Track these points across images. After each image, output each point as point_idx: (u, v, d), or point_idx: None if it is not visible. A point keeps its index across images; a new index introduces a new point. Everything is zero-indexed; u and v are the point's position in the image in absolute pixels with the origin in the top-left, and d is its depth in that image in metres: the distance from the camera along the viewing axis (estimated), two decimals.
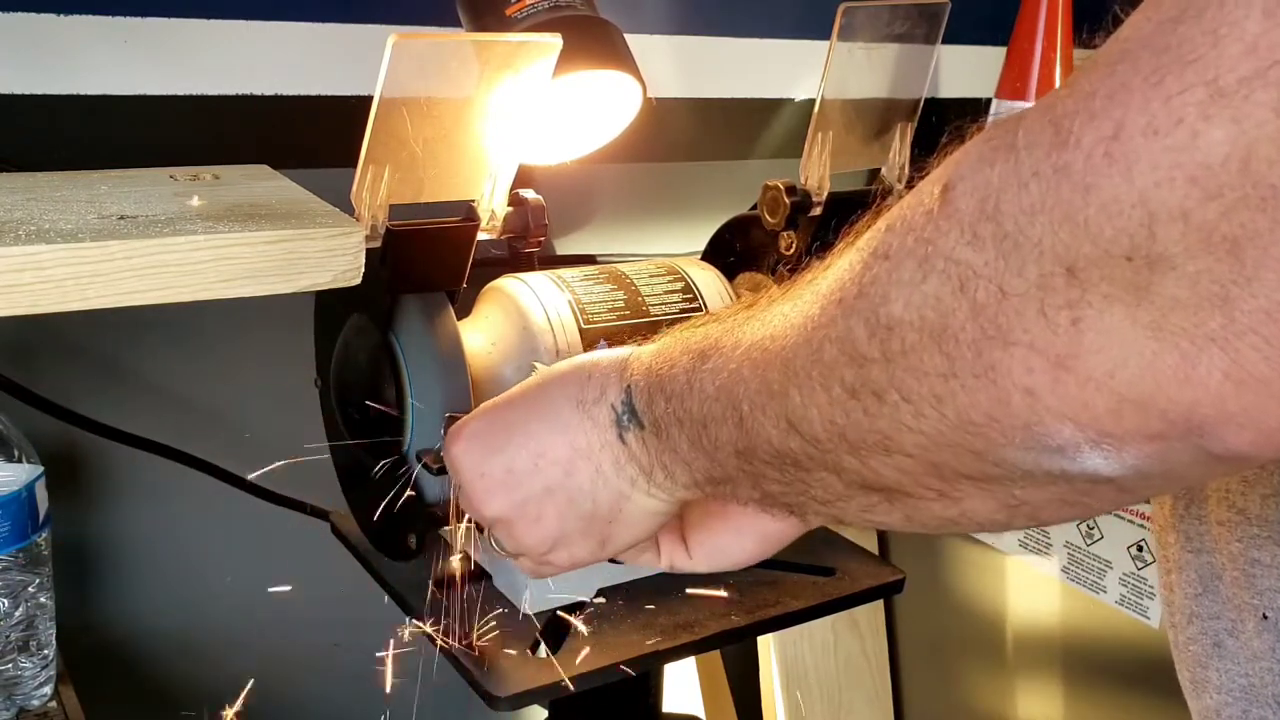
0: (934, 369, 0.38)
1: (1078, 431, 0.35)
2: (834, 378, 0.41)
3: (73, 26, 0.93)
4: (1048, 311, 0.34)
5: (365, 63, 0.68)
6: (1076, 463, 0.36)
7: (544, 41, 0.69)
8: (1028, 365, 0.35)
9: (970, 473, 0.40)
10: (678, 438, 0.51)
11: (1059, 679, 1.22)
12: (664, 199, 1.27)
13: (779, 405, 0.44)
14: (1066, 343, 0.34)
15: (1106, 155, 0.32)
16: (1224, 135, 0.30)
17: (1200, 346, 0.32)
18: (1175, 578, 0.55)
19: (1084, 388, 0.34)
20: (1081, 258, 0.33)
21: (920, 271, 0.37)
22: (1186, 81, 0.31)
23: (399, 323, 0.74)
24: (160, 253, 0.64)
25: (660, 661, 0.75)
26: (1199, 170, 0.31)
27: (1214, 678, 0.52)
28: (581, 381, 0.56)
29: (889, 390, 0.39)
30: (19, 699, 0.83)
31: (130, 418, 0.98)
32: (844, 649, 1.38)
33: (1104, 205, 0.32)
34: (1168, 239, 0.31)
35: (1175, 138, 0.31)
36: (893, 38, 0.87)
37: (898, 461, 0.41)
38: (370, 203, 0.69)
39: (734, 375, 0.47)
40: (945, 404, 0.38)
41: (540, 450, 0.56)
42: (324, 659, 1.17)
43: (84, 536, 1.04)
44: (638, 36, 0.99)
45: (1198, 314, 0.32)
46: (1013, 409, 0.36)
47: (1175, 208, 0.31)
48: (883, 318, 0.39)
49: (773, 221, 0.89)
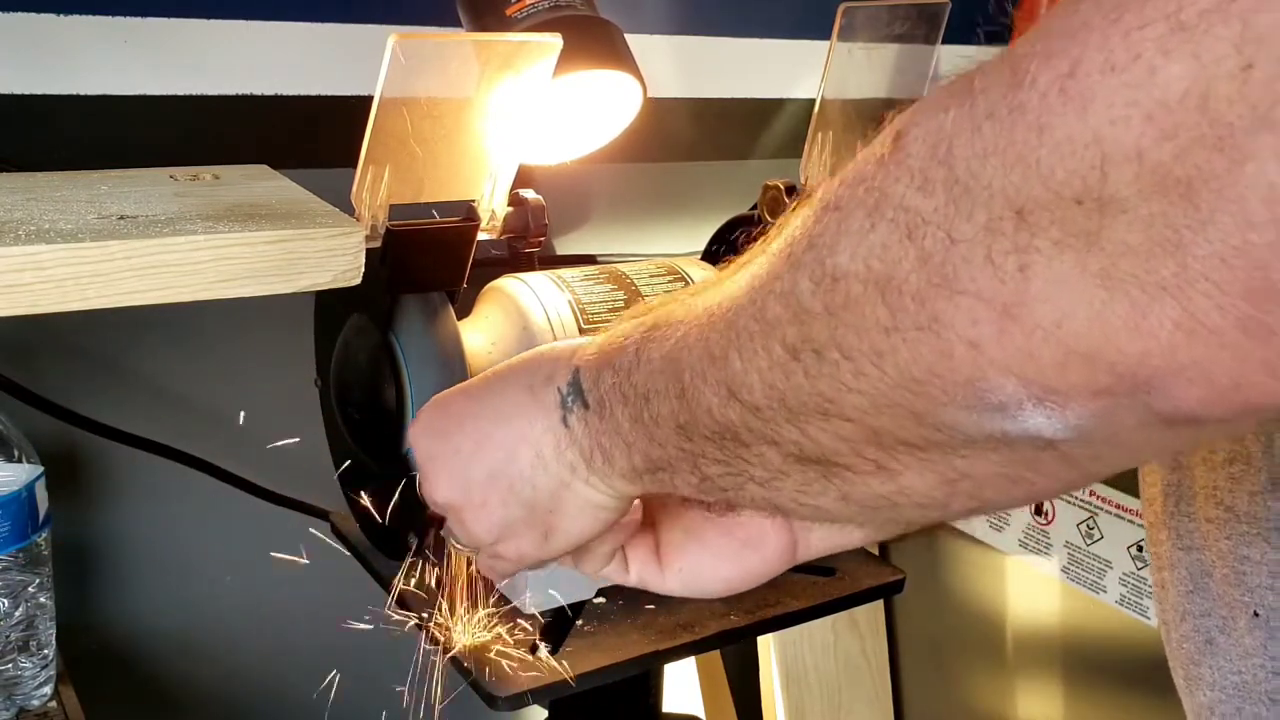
0: (876, 322, 0.37)
1: (1021, 387, 0.34)
2: (775, 337, 0.40)
3: (73, 26, 0.93)
4: (995, 258, 0.33)
5: (365, 63, 0.68)
6: (1018, 422, 0.35)
7: (544, 41, 0.69)
8: (973, 315, 0.34)
9: (910, 438, 0.39)
10: (620, 416, 0.50)
11: (1059, 679, 1.22)
12: (664, 199, 1.27)
13: (720, 371, 0.44)
14: (1013, 290, 0.33)
15: (1061, 93, 0.31)
16: (1182, 70, 0.29)
17: (1151, 295, 0.31)
18: (1167, 575, 0.55)
19: (1030, 338, 0.33)
20: (1031, 200, 0.32)
21: (869, 220, 0.36)
22: (1146, 16, 0.30)
23: (399, 323, 0.74)
24: (160, 253, 0.64)
25: (660, 661, 0.75)
26: (1155, 107, 0.30)
27: (1207, 675, 0.52)
28: (534, 367, 0.55)
29: (830, 347, 0.38)
30: (19, 699, 0.83)
31: (130, 418, 0.98)
32: (844, 649, 1.38)
33: (1057, 145, 0.31)
34: (1120, 180, 0.30)
35: (1132, 73, 0.30)
36: (893, 38, 0.87)
37: (836, 426, 0.40)
38: (370, 203, 0.69)
39: (680, 343, 0.46)
40: (886, 359, 0.37)
41: (486, 434, 0.56)
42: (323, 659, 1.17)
43: (84, 536, 1.04)
44: (638, 36, 0.99)
45: (1150, 260, 0.31)
46: (955, 362, 0.35)
47: (1130, 147, 0.30)
48: (829, 268, 0.38)
49: (773, 221, 0.89)
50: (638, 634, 0.74)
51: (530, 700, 0.70)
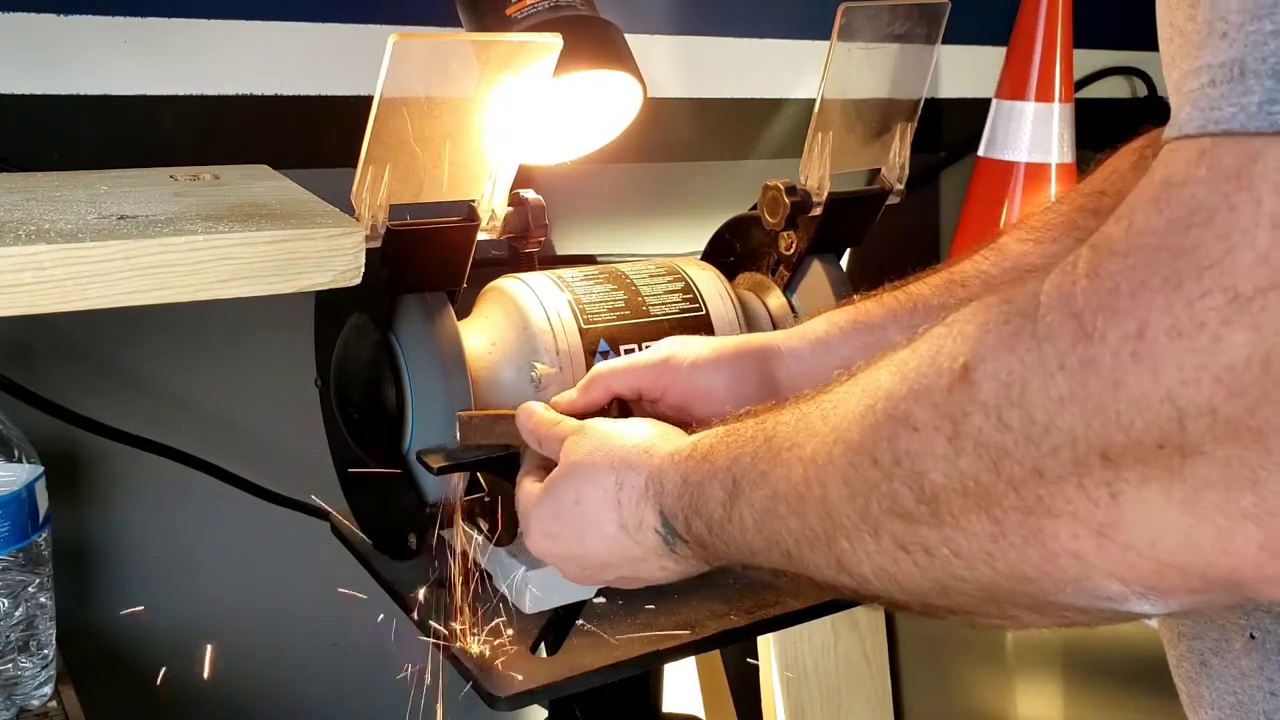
0: (983, 531, 0.39)
1: (1124, 587, 0.37)
2: (884, 532, 0.43)
3: (73, 26, 0.93)
4: (1086, 488, 0.36)
5: (365, 63, 0.68)
6: (1125, 606, 0.38)
7: (544, 41, 0.69)
8: (1072, 532, 0.37)
9: (1026, 605, 0.41)
10: (725, 551, 0.54)
11: (1059, 679, 1.22)
12: (664, 199, 1.27)
13: (827, 550, 0.46)
14: (1107, 514, 0.36)
15: (1134, 355, 0.34)
16: (1244, 340, 0.32)
17: (1234, 522, 0.34)
18: None
19: (1127, 554, 0.36)
20: (1114, 445, 0.35)
21: (951, 449, 0.39)
22: (1205, 286, 0.33)
23: (399, 323, 0.74)
24: (160, 253, 0.64)
25: (660, 661, 0.75)
26: (1223, 371, 0.32)
27: (1205, 694, 0.52)
28: (615, 506, 0.59)
29: (939, 547, 0.41)
30: (19, 699, 0.83)
31: (130, 418, 0.98)
32: (844, 649, 1.38)
33: (1133, 401, 0.34)
34: (1196, 430, 0.33)
35: (1199, 341, 0.33)
36: (893, 38, 0.87)
37: (954, 599, 0.43)
38: (370, 203, 0.69)
39: (772, 514, 0.49)
40: (997, 560, 0.39)
41: (605, 563, 0.61)
42: (323, 659, 1.17)
43: (84, 536, 1.04)
44: (638, 36, 0.99)
45: (1230, 493, 0.33)
46: (1061, 568, 0.38)
47: (1203, 404, 0.33)
48: (926, 488, 0.40)
49: (773, 221, 0.89)
50: (638, 634, 0.74)
51: (530, 700, 0.70)
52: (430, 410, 0.73)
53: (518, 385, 0.78)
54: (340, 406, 0.79)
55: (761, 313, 0.89)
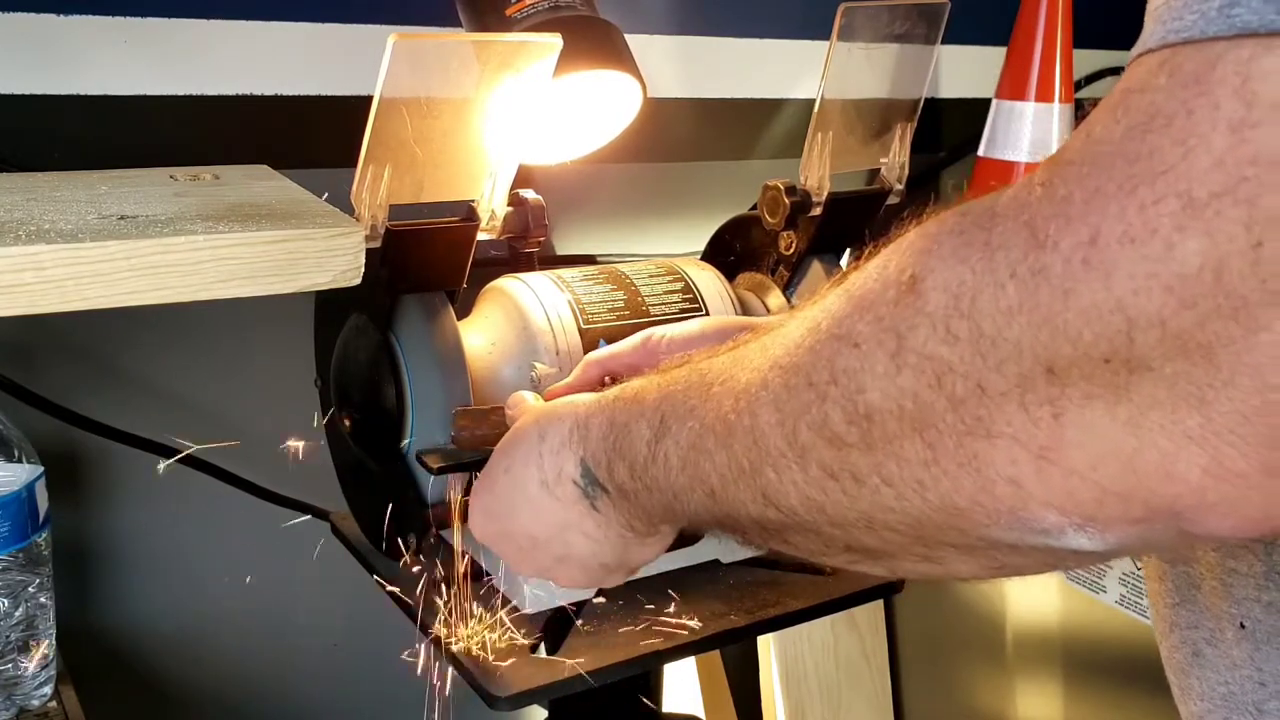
0: (916, 456, 0.38)
1: (1062, 517, 0.36)
2: (811, 459, 0.42)
3: (73, 26, 0.93)
4: (1029, 407, 0.35)
5: (365, 63, 0.68)
6: (1061, 541, 0.37)
7: (544, 41, 0.69)
8: (1011, 456, 0.36)
9: (954, 543, 0.40)
10: (648, 501, 0.53)
11: (1059, 679, 1.22)
12: (664, 199, 1.27)
13: (752, 481, 0.45)
14: (1048, 436, 0.35)
15: (1084, 262, 0.33)
16: (1197, 247, 0.31)
17: (1179, 444, 0.33)
18: (1156, 587, 0.55)
19: (1067, 479, 0.35)
20: (1061, 358, 0.34)
21: (894, 364, 0.38)
22: (1159, 191, 0.32)
23: (399, 323, 0.74)
24: (160, 253, 0.64)
25: (660, 661, 0.75)
26: (1174, 280, 0.31)
27: (1196, 685, 0.52)
28: (536, 461, 0.58)
29: (870, 474, 0.40)
30: (19, 699, 0.83)
31: (130, 418, 0.98)
32: (844, 649, 1.38)
33: (1083, 310, 0.33)
34: (1145, 344, 0.32)
35: (1151, 247, 0.32)
36: (893, 38, 0.87)
37: (881, 534, 0.42)
38: (370, 203, 0.69)
39: (698, 449, 0.48)
40: (928, 489, 0.38)
41: (531, 534, 0.59)
42: (323, 659, 1.17)
43: (84, 536, 1.04)
44: (638, 36, 0.99)
45: (1175, 413, 0.33)
46: (997, 496, 0.37)
47: (1153, 315, 0.32)
48: (860, 406, 0.39)
49: (773, 221, 0.89)
50: (638, 634, 0.74)
51: (530, 700, 0.70)
52: (430, 410, 0.73)
53: (517, 385, 0.78)
54: (340, 406, 0.79)
55: (761, 313, 0.89)
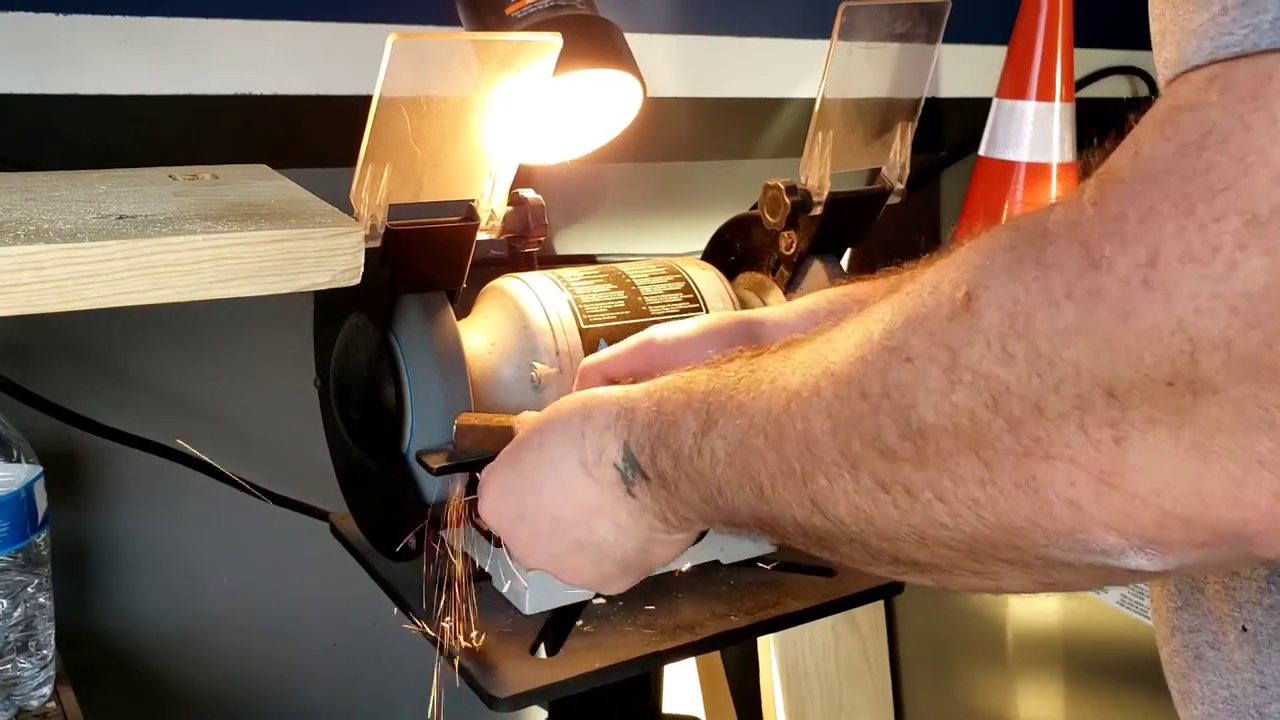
0: (971, 475, 0.37)
1: (1123, 540, 0.35)
2: (863, 470, 0.41)
3: (73, 26, 0.93)
4: (1088, 429, 0.34)
5: (365, 63, 0.68)
6: (1120, 562, 0.36)
7: (544, 41, 0.69)
8: (1070, 479, 0.35)
9: (1009, 560, 0.39)
10: (688, 492, 0.52)
11: (1059, 679, 1.22)
12: (664, 199, 1.27)
13: (802, 486, 0.44)
14: (1109, 460, 0.34)
15: (1145, 283, 0.32)
16: (1261, 265, 0.30)
17: (1247, 469, 0.32)
18: (1158, 591, 0.55)
19: (1129, 503, 0.34)
20: (1122, 381, 0.33)
21: (947, 380, 0.37)
22: (1218, 210, 0.31)
23: (399, 323, 0.74)
24: (160, 253, 0.63)
25: (660, 661, 0.75)
26: (1239, 300, 0.31)
27: (1197, 689, 0.52)
28: (577, 440, 0.57)
29: (923, 490, 0.39)
30: (18, 699, 0.83)
31: (130, 418, 0.98)
32: (844, 650, 1.38)
33: (1143, 332, 0.32)
34: (1210, 366, 0.31)
35: (1214, 267, 0.31)
36: (893, 37, 0.87)
37: (933, 550, 0.41)
38: (370, 203, 0.69)
39: (746, 446, 0.47)
40: (984, 508, 0.37)
41: (557, 515, 0.58)
42: (323, 659, 1.17)
43: (84, 536, 1.04)
44: (638, 36, 0.99)
45: (1244, 437, 0.32)
46: (1055, 518, 0.36)
47: (1217, 336, 0.31)
48: (914, 422, 0.38)
49: (773, 221, 0.89)
50: (638, 634, 0.74)
51: (530, 700, 0.70)
52: (430, 410, 0.73)
53: (517, 385, 0.78)
54: (340, 406, 0.79)
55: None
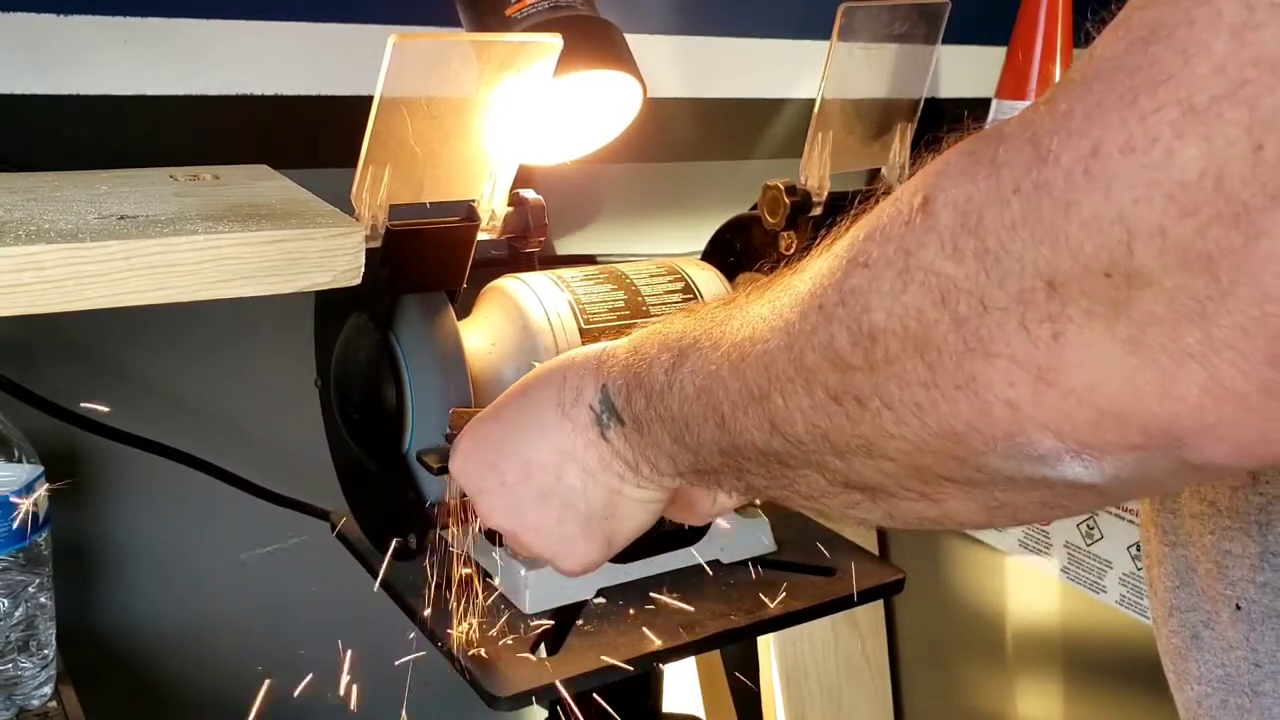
0: (916, 378, 0.38)
1: (1058, 442, 0.36)
2: (816, 382, 0.42)
3: (73, 26, 0.93)
4: (1029, 325, 0.35)
5: (365, 63, 0.68)
6: (1057, 470, 0.37)
7: (544, 41, 0.69)
8: (1009, 378, 0.36)
9: (952, 476, 0.40)
10: (659, 434, 0.53)
11: (1059, 679, 1.22)
12: (664, 199, 1.27)
13: (761, 408, 0.45)
14: (1047, 356, 0.35)
15: (1086, 173, 0.33)
16: (1197, 153, 0.31)
17: (1178, 362, 0.33)
18: (1155, 572, 0.55)
19: (1065, 400, 0.35)
20: (1062, 273, 0.34)
21: (900, 282, 0.38)
22: (1160, 100, 0.32)
23: (399, 323, 0.74)
24: (160, 253, 0.64)
25: (660, 661, 0.75)
26: (1175, 187, 0.31)
27: (1193, 669, 0.53)
28: (559, 384, 0.57)
29: (871, 397, 0.40)
30: (19, 699, 0.83)
31: (130, 418, 0.98)
32: (844, 649, 1.38)
33: (1084, 222, 0.33)
34: (1145, 255, 0.32)
35: (1151, 155, 0.32)
36: (893, 38, 0.87)
37: (880, 464, 0.42)
38: (370, 203, 0.69)
39: (713, 376, 0.48)
40: (927, 413, 0.38)
41: (528, 458, 0.58)
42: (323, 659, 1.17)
43: (84, 536, 1.04)
44: (638, 36, 0.99)
45: (1175, 330, 0.32)
46: (994, 419, 0.37)
47: (1153, 224, 0.32)
48: (865, 326, 0.40)
49: (773, 221, 0.89)
50: (638, 634, 0.74)
51: (530, 700, 0.70)
52: (430, 410, 0.73)
53: None
54: (340, 406, 0.79)
55: None
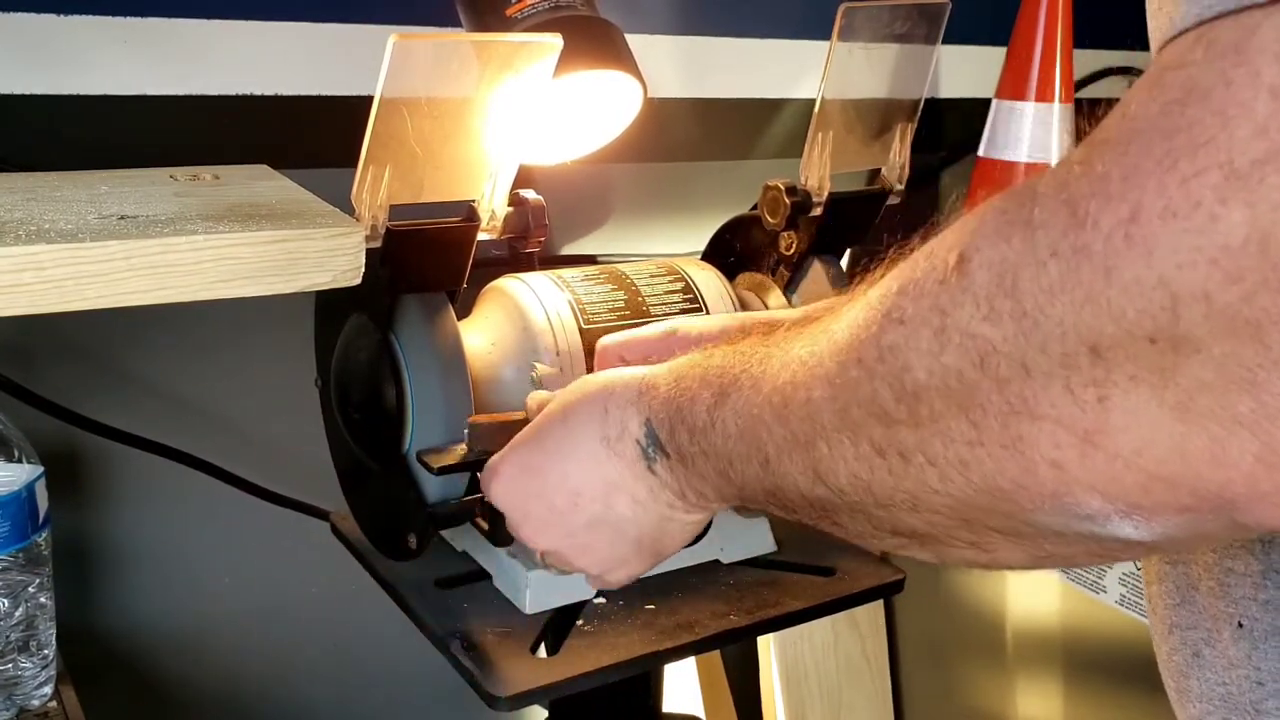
0: (961, 436, 0.38)
1: (1107, 503, 0.36)
2: (862, 435, 0.42)
3: (73, 26, 0.93)
4: (1074, 389, 0.34)
5: (365, 63, 0.68)
6: (1106, 529, 0.37)
7: (544, 42, 0.69)
8: (1055, 440, 0.35)
9: (999, 529, 0.40)
10: (705, 467, 0.53)
11: (1059, 679, 1.22)
12: (664, 199, 1.27)
13: (805, 455, 0.45)
14: (1093, 419, 0.34)
15: (1126, 238, 0.32)
16: (1241, 218, 0.30)
17: (1229, 430, 0.32)
18: (1155, 589, 0.55)
19: (1112, 464, 0.35)
20: (1105, 338, 0.33)
21: (938, 342, 0.38)
22: (1200, 164, 0.31)
23: (399, 323, 0.74)
24: (160, 253, 0.64)
25: (660, 661, 0.75)
26: (1219, 253, 0.31)
27: (1195, 687, 0.52)
28: (600, 415, 0.58)
29: (915, 453, 0.40)
30: (19, 699, 0.83)
31: (130, 418, 0.98)
32: (844, 649, 1.38)
33: (1125, 287, 0.32)
34: (1191, 321, 0.32)
35: (1193, 221, 0.31)
36: (893, 38, 0.87)
37: (926, 517, 0.42)
38: (370, 203, 0.69)
39: (756, 420, 0.48)
40: (972, 470, 0.38)
41: (576, 489, 0.59)
42: (323, 659, 1.17)
43: (84, 536, 1.04)
44: (638, 36, 0.99)
45: (1225, 397, 0.32)
46: (1040, 479, 0.36)
47: (1197, 290, 0.31)
48: (908, 384, 0.39)
49: (773, 222, 0.89)
50: (638, 634, 0.74)
51: (530, 700, 0.70)
52: (430, 410, 0.73)
53: (518, 385, 0.78)
54: (340, 406, 0.79)
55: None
